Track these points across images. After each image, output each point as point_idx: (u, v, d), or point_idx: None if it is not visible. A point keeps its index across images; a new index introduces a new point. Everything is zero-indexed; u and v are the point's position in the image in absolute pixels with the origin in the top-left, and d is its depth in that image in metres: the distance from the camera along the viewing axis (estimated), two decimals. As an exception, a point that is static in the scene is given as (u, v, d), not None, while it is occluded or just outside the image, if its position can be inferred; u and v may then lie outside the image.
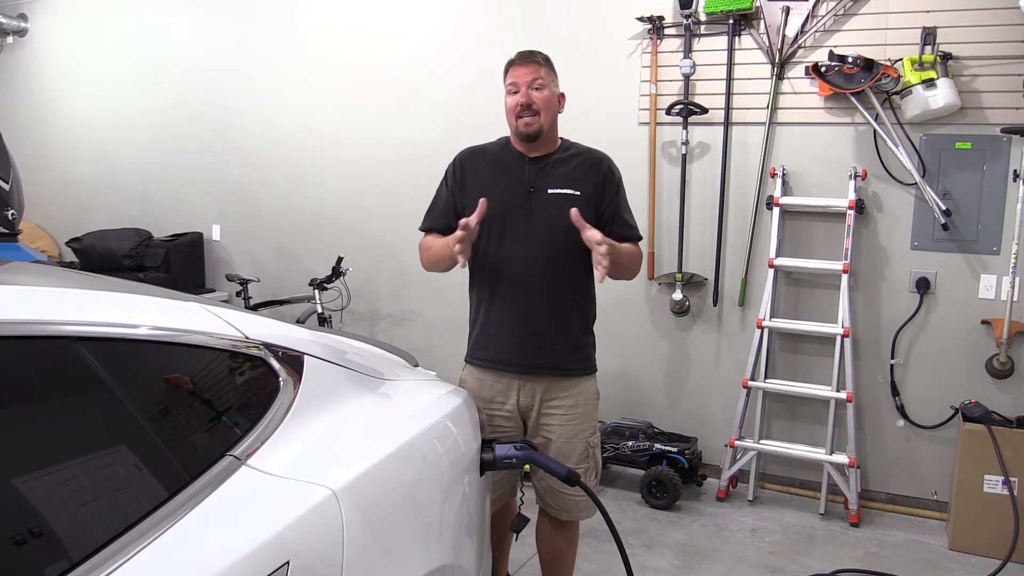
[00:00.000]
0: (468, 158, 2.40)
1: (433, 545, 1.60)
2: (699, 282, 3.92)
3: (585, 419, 2.34)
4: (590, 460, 2.36)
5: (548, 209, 2.25)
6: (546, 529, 2.46)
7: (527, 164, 2.31)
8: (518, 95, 2.25)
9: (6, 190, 3.48)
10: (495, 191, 2.26)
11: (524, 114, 2.24)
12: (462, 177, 2.37)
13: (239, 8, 4.94)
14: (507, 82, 2.29)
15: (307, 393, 1.49)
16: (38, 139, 5.65)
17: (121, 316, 1.29)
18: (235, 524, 1.16)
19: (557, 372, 2.32)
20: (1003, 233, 3.43)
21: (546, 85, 2.26)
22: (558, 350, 2.31)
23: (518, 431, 2.36)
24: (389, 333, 4.69)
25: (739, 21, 3.71)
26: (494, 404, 2.34)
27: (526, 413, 2.34)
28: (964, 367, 3.53)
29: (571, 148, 2.37)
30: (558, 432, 2.32)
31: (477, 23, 4.30)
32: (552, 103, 2.28)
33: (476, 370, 2.39)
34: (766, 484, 3.88)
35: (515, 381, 2.32)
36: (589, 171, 2.30)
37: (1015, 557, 3.08)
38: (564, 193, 2.26)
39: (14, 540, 0.94)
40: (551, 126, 2.30)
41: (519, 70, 2.26)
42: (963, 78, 3.39)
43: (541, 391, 2.31)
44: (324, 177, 4.78)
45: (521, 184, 2.29)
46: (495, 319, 2.33)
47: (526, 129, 2.25)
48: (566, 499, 2.34)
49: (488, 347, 2.35)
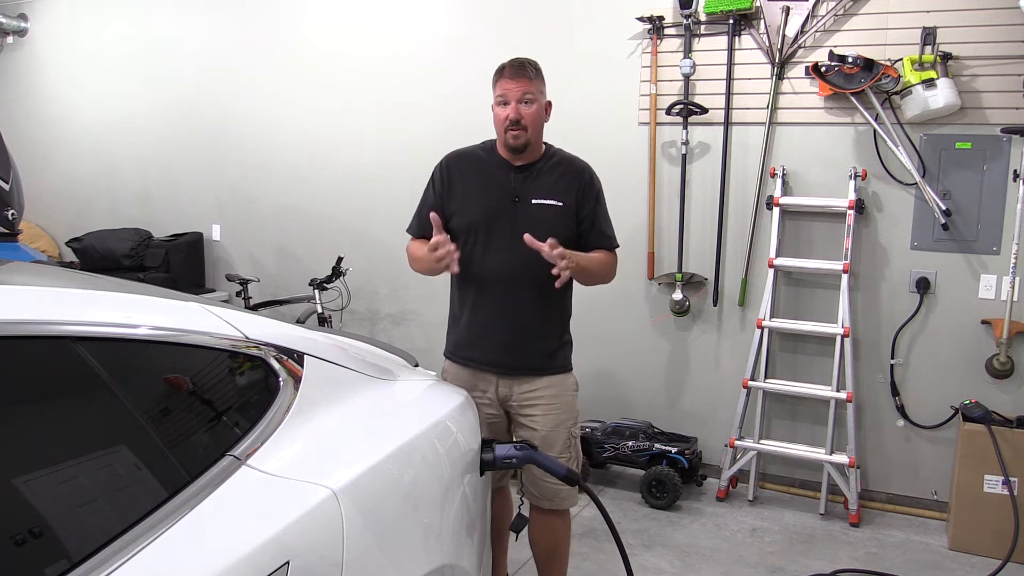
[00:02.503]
0: (454, 163, 2.47)
1: (433, 545, 1.60)
2: (699, 282, 3.92)
3: (566, 410, 2.44)
4: (572, 450, 2.45)
5: (532, 219, 2.33)
6: (537, 524, 2.50)
7: (512, 172, 2.39)
8: (507, 108, 2.31)
9: (6, 190, 3.48)
10: (481, 199, 2.37)
11: (513, 128, 2.31)
12: (449, 182, 2.44)
13: (239, 8, 4.94)
14: (496, 92, 2.35)
15: (307, 393, 1.49)
16: (38, 139, 5.65)
17: (121, 316, 1.29)
18: (235, 524, 1.16)
19: (535, 372, 2.43)
20: (1003, 233, 3.43)
21: (535, 99, 2.33)
22: (537, 353, 2.42)
23: (501, 419, 2.47)
24: (389, 333, 4.69)
25: (739, 21, 3.71)
26: (475, 393, 2.39)
27: (505, 402, 2.45)
28: (964, 367, 3.53)
29: (555, 156, 2.44)
30: (542, 422, 2.41)
31: (477, 23, 4.30)
32: (540, 116, 2.36)
33: (457, 366, 2.48)
34: (766, 484, 3.88)
35: (494, 377, 2.43)
36: (572, 181, 2.39)
37: (1015, 557, 3.08)
38: (547, 204, 2.36)
39: (14, 540, 0.94)
40: (538, 138, 2.39)
41: (509, 84, 2.31)
42: (963, 78, 3.39)
43: (519, 383, 2.42)
44: (324, 177, 4.78)
45: (507, 193, 2.37)
46: (478, 323, 2.43)
47: (514, 142, 2.33)
48: (547, 487, 2.40)
49: (471, 347, 2.45)
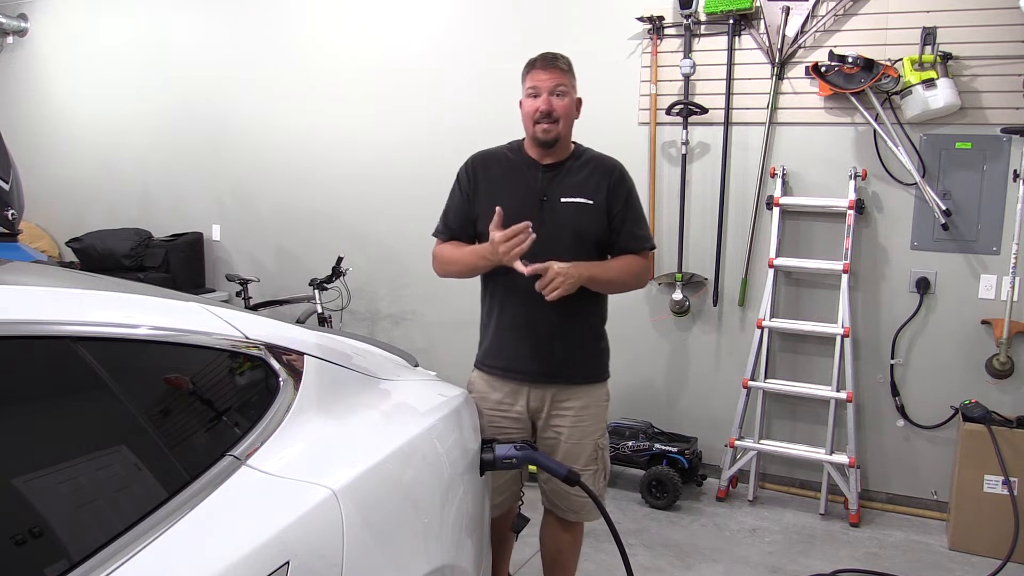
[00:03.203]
0: (480, 163, 2.35)
1: (433, 545, 1.60)
2: (699, 282, 3.92)
3: (595, 421, 2.33)
4: (599, 462, 2.34)
5: (560, 218, 2.22)
6: (551, 529, 2.44)
7: (540, 171, 2.28)
8: (538, 100, 2.19)
9: (6, 190, 3.48)
10: (508, 199, 2.22)
11: (543, 121, 2.20)
12: (475, 183, 2.33)
13: (240, 8, 4.94)
14: (527, 85, 2.23)
15: (307, 393, 1.48)
16: (38, 139, 5.65)
17: (121, 316, 1.28)
18: (235, 524, 1.16)
19: (567, 381, 2.30)
20: (1003, 233, 3.43)
21: (567, 92, 2.22)
22: (569, 359, 2.29)
23: (524, 434, 2.33)
24: (389, 333, 4.69)
25: (739, 21, 3.71)
26: (502, 406, 2.32)
27: (536, 415, 2.33)
28: (964, 367, 3.53)
29: (584, 154, 2.32)
30: (567, 433, 2.30)
31: (477, 24, 4.30)
32: (571, 111, 2.25)
33: (485, 375, 2.37)
34: (766, 484, 3.88)
35: (524, 387, 2.31)
36: (602, 179, 2.27)
37: (1015, 557, 3.08)
38: (577, 202, 2.24)
39: (14, 540, 0.94)
40: (568, 134, 2.27)
41: (541, 75, 2.20)
42: (963, 78, 3.39)
43: (551, 394, 2.30)
44: (324, 177, 4.78)
45: (534, 192, 2.26)
46: (506, 328, 2.31)
47: (544, 136, 2.21)
48: (573, 500, 2.32)
49: (499, 356, 2.33)
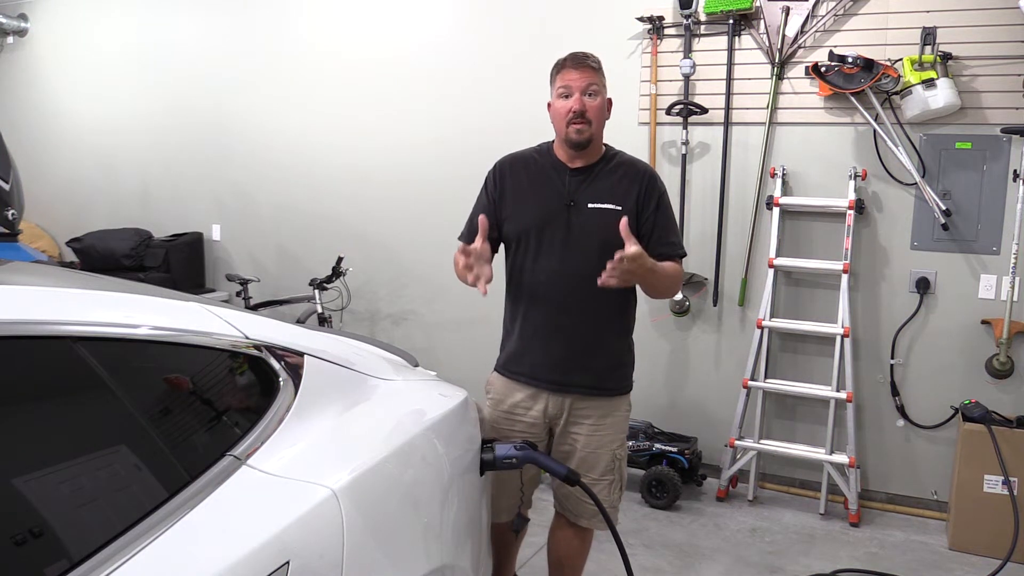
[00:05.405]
0: (507, 166, 2.31)
1: (433, 545, 1.60)
2: (699, 282, 3.92)
3: (614, 431, 2.28)
4: (615, 472, 2.29)
5: (587, 224, 2.17)
6: (562, 531, 2.41)
7: (568, 175, 2.22)
8: (571, 100, 2.14)
9: (6, 190, 3.48)
10: (533, 203, 2.19)
11: (576, 121, 2.14)
12: (501, 187, 2.28)
13: (240, 8, 4.94)
14: (557, 85, 2.18)
15: (307, 393, 1.49)
16: (38, 139, 5.65)
17: (121, 316, 1.29)
18: (235, 524, 1.16)
19: (588, 391, 2.25)
20: (1003, 233, 3.43)
21: (599, 91, 2.17)
22: (592, 369, 2.24)
23: (541, 440, 2.29)
24: (389, 333, 4.69)
25: (739, 21, 3.71)
26: (519, 409, 2.29)
27: (554, 422, 2.29)
28: (964, 367, 3.53)
29: (615, 158, 2.26)
30: (584, 442, 2.26)
31: (477, 24, 4.30)
32: (603, 111, 2.20)
33: (504, 379, 2.34)
34: (766, 484, 3.88)
35: (544, 393, 2.27)
36: (631, 184, 2.21)
37: (1015, 557, 3.08)
38: (604, 208, 2.17)
39: (14, 540, 0.94)
40: (599, 136, 2.22)
41: (572, 74, 2.15)
42: (963, 78, 3.39)
43: (571, 402, 2.26)
44: (324, 177, 4.78)
45: (560, 197, 2.20)
46: (528, 335, 2.27)
47: (577, 137, 2.15)
48: (585, 507, 2.28)
49: (520, 362, 2.29)
